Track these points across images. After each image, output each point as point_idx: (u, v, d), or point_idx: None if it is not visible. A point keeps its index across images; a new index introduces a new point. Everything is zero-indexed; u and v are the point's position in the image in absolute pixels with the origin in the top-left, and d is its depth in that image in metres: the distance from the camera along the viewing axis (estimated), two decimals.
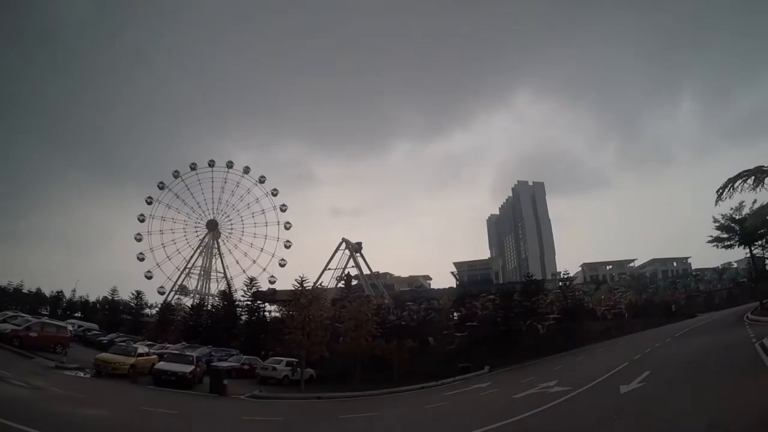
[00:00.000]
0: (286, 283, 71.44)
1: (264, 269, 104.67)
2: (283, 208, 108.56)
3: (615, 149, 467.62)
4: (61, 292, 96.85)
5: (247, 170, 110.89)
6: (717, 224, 62.87)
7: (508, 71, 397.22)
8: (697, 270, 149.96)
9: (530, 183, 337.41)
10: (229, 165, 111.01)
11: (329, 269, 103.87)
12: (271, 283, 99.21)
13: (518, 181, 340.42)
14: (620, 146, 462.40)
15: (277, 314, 73.91)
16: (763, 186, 43.82)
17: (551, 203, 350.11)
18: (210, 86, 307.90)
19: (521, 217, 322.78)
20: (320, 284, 62.35)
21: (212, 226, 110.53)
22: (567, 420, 14.37)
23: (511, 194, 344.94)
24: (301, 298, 38.07)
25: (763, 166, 43.72)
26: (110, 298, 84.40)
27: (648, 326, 74.20)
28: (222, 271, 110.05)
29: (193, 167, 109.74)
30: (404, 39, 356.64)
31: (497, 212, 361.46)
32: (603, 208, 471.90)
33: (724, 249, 65.93)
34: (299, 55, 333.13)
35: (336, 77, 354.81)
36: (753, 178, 43.57)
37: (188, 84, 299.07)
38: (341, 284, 66.11)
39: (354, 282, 71.32)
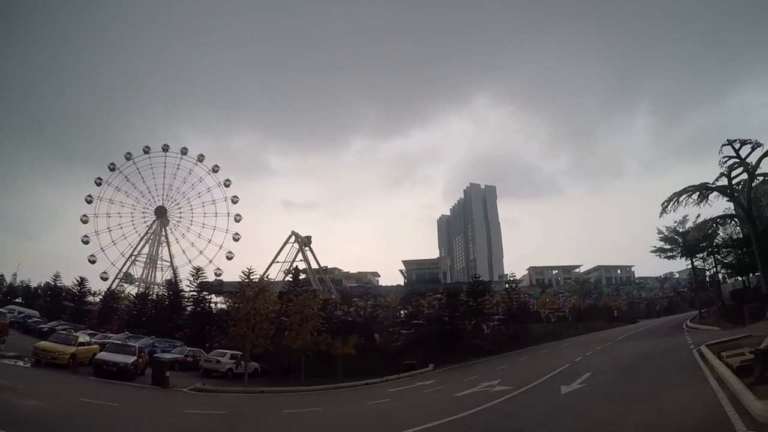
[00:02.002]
0: (234, 275, 71.07)
1: (210, 261, 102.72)
2: (235, 200, 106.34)
3: (568, 158, 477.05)
4: (2, 276, 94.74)
5: (201, 158, 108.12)
6: (661, 236, 65.16)
7: (469, 74, 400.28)
8: (640, 278, 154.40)
9: (482, 186, 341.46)
10: (184, 151, 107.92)
11: (277, 262, 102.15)
12: (217, 275, 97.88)
13: (471, 184, 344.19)
14: (573, 156, 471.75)
15: (223, 306, 73.30)
16: (706, 202, 45.64)
17: (502, 207, 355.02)
18: (169, 69, 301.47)
19: (471, 219, 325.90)
20: (267, 277, 61.95)
21: (161, 213, 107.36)
22: (507, 419, 14.63)
23: (463, 196, 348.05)
24: (247, 290, 37.76)
25: (708, 183, 45.46)
26: (53, 283, 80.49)
27: (591, 330, 76.18)
28: (168, 259, 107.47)
29: (146, 150, 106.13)
30: (366, 36, 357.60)
31: (448, 213, 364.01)
32: (553, 214, 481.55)
33: (666, 259, 68.25)
34: (260, 46, 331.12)
35: (296, 70, 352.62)
36: (698, 194, 45.31)
37: (147, 65, 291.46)
38: (289, 278, 65.56)
39: (302, 276, 70.78)
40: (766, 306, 36.44)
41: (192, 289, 66.98)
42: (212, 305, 71.27)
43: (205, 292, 67.85)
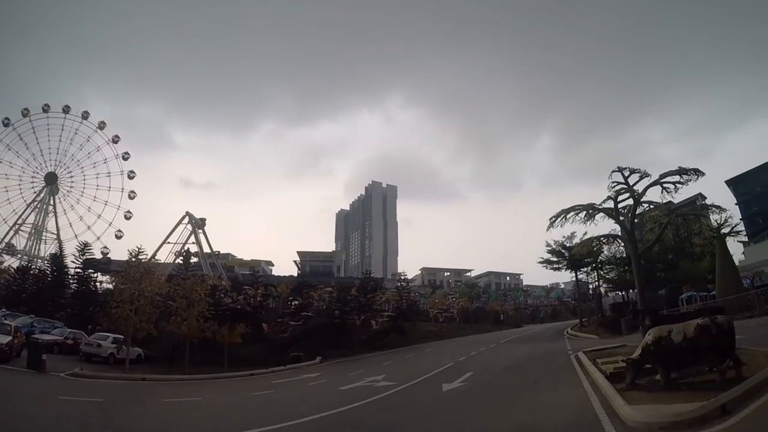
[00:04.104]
0: (123, 253, 68.48)
1: (98, 238, 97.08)
2: (131, 175, 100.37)
3: (471, 167, 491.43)
4: None
5: (102, 125, 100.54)
6: (549, 248, 67.84)
7: (386, 71, 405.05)
8: (528, 286, 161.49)
9: (384, 185, 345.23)
10: (84, 116, 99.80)
11: (169, 243, 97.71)
12: (104, 254, 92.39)
13: (373, 181, 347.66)
14: (477, 165, 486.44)
15: (109, 286, 70.32)
16: (593, 221, 48.30)
17: (402, 207, 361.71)
18: (82, 27, 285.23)
19: (370, 216, 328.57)
20: (156, 258, 60.13)
21: (51, 180, 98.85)
22: (387, 413, 14.66)
23: (364, 192, 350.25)
24: (132, 270, 36.32)
25: (595, 204, 48.10)
26: None
27: (477, 331, 78.39)
28: (55, 232, 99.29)
29: (46, 109, 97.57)
30: (283, 16, 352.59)
31: (348, 208, 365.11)
32: (451, 218, 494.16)
33: (552, 270, 71.50)
34: (174, 12, 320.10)
35: (209, 42, 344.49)
36: (585, 212, 47.90)
37: (58, 17, 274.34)
38: (179, 260, 63.77)
39: (193, 259, 69.01)
40: (639, 319, 38.67)
41: (77, 266, 63.13)
42: (98, 285, 67.78)
43: (90, 270, 64.58)
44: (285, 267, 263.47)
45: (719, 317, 12.83)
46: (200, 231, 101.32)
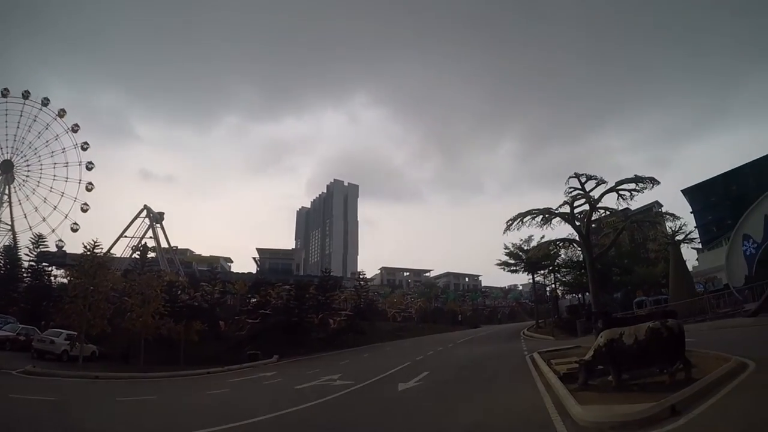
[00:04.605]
0: (79, 247, 67.02)
1: (53, 230, 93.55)
2: (90, 166, 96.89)
3: (433, 169, 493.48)
4: None
5: (62, 113, 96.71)
6: (507, 251, 68.92)
7: (352, 69, 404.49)
8: (486, 287, 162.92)
9: (346, 183, 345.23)
10: (45, 102, 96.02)
11: (126, 237, 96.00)
12: (59, 247, 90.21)
13: (335, 179, 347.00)
14: (439, 167, 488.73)
15: (64, 281, 68.82)
16: (549, 225, 49.59)
17: (363, 206, 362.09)
18: (43, 8, 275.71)
19: (331, 215, 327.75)
20: (112, 253, 58.94)
21: (7, 168, 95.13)
22: (342, 412, 14.70)
23: (325, 190, 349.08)
24: (87, 264, 35.56)
25: (551, 209, 49.31)
26: None
27: (435, 331, 79.00)
28: (9, 223, 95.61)
29: (5, 93, 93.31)
30: (252, 13, 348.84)
31: (309, 206, 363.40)
32: (412, 219, 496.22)
33: (510, 273, 72.84)
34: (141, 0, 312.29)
35: (173, 31, 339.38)
36: (541, 216, 49.10)
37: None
38: (136, 255, 62.74)
39: (151, 254, 67.87)
40: (592, 322, 39.46)
41: (31, 259, 61.52)
42: (52, 279, 66.19)
43: (45, 264, 62.92)
44: (244, 264, 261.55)
45: (670, 321, 13.15)
46: (158, 225, 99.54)
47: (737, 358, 14.46)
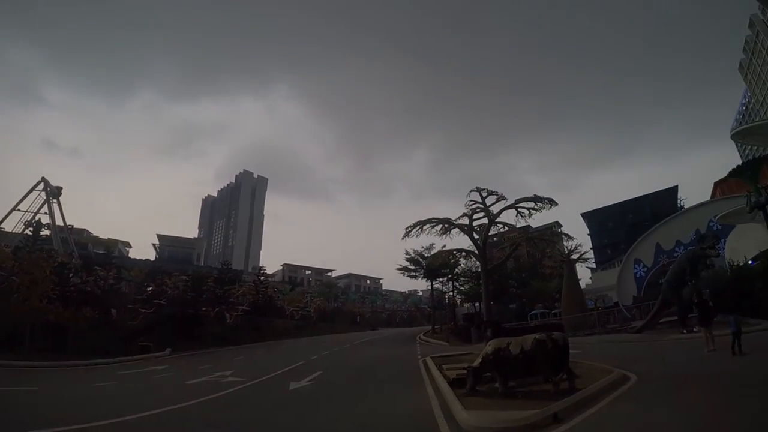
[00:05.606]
0: None
1: None
2: None
3: (345, 170, 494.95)
4: None
5: None
6: (408, 257, 70.24)
7: (275, 59, 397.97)
8: (387, 291, 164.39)
9: (256, 175, 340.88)
10: None
11: (18, 210, 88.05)
12: None
13: (244, 170, 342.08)
14: (351, 168, 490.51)
15: None
16: (449, 235, 51.35)
17: (271, 200, 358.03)
18: None
19: (237, 206, 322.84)
20: (1, 227, 55.79)
21: None
22: (229, 410, 14.51)
23: (234, 180, 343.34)
24: None
25: (450, 219, 51.10)
26: None
27: (333, 331, 79.49)
28: None
29: None
30: None
31: (216, 195, 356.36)
32: (318, 218, 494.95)
33: (410, 278, 74.42)
34: None
35: None
36: (441, 226, 50.71)
37: None
38: (29, 231, 59.57)
39: (45, 232, 64.40)
40: (482, 330, 40.76)
41: None
42: None
43: None
44: (143, 250, 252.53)
45: (556, 333, 13.84)
46: (55, 201, 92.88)
47: (620, 371, 15.45)
